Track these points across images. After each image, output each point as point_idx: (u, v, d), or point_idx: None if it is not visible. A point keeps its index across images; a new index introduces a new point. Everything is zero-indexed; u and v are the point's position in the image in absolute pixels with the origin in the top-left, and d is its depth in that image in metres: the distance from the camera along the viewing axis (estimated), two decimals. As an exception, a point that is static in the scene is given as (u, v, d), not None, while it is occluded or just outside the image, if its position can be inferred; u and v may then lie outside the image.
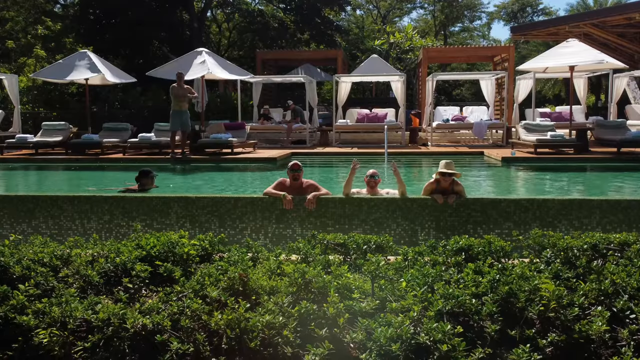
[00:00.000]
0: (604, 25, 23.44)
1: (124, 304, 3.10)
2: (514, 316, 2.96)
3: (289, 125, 14.69)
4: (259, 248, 3.87)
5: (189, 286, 3.21)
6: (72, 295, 3.18)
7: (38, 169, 11.48)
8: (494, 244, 3.70)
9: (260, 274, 3.39)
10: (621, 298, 2.95)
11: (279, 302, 2.98)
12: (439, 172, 4.91)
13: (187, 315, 2.94)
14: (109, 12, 26.46)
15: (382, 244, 3.90)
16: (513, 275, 3.16)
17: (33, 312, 3.02)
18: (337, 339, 2.73)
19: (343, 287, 3.14)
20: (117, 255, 3.64)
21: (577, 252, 3.51)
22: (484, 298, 2.99)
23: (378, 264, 3.43)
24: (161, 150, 12.31)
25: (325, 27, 32.69)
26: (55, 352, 2.86)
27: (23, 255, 3.67)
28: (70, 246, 3.91)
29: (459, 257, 3.59)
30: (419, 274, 3.22)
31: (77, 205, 5.13)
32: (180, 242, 3.79)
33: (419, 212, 4.88)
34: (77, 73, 12.94)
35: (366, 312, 2.90)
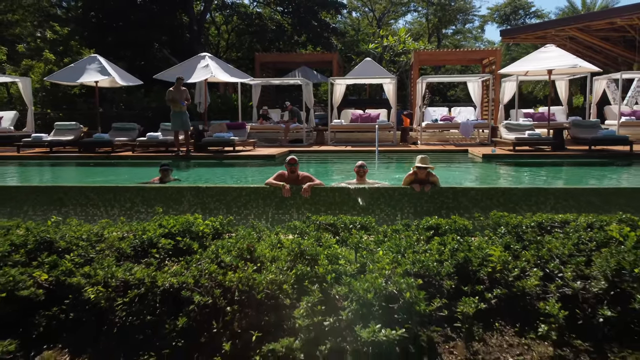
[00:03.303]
0: (588, 29, 24.17)
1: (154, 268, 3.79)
2: (468, 277, 3.65)
3: (287, 125, 15.37)
4: (262, 228, 4.56)
5: (206, 255, 3.89)
6: (111, 262, 3.87)
7: (53, 166, 12.15)
8: (458, 222, 4.40)
9: (263, 246, 4.07)
10: (553, 262, 3.65)
11: (280, 266, 3.67)
12: (416, 166, 5.61)
13: (206, 276, 3.62)
14: (111, 15, 26.96)
15: (365, 224, 4.59)
16: (471, 246, 3.87)
17: (81, 275, 3.70)
18: (325, 292, 3.41)
19: (331, 256, 3.82)
20: (143, 233, 4.32)
21: (525, 228, 4.21)
22: (444, 263, 3.69)
23: (360, 238, 4.13)
24: (167, 148, 12.99)
25: (322, 29, 33.24)
26: (102, 304, 3.53)
27: (65, 233, 4.35)
28: (103, 226, 4.59)
29: (428, 233, 4.29)
30: (393, 245, 3.92)
31: (102, 194, 5.80)
32: (195, 222, 4.47)
33: (400, 199, 5.57)
34: (87, 76, 13.61)
35: (349, 274, 3.58)
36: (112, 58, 15.94)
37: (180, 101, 11.88)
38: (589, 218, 4.27)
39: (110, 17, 27.10)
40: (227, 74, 14.23)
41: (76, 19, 27.50)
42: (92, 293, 3.57)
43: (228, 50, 37.07)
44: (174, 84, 12.70)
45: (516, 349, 3.18)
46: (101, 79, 13.71)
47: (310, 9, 32.64)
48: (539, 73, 13.34)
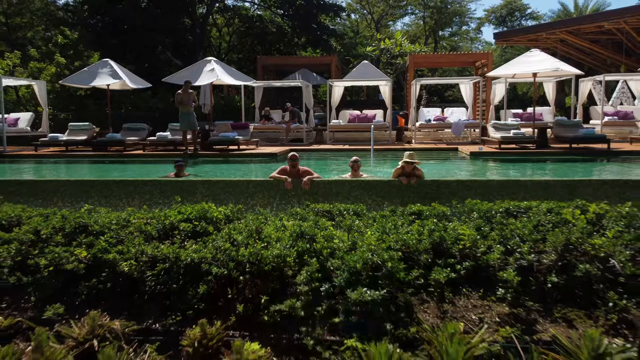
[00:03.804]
0: (578, 33, 24.81)
1: (177, 246, 4.42)
2: (443, 252, 4.28)
3: (287, 125, 15.99)
4: (268, 214, 5.19)
5: (221, 236, 4.51)
6: (140, 242, 4.49)
7: (68, 163, 12.79)
8: (437, 209, 5.03)
9: (269, 229, 4.69)
10: (514, 239, 4.28)
11: (283, 244, 4.29)
12: (403, 161, 6.24)
13: (221, 252, 4.24)
14: (115, 19, 27.55)
15: (357, 211, 5.22)
16: (447, 228, 4.50)
17: (116, 252, 4.33)
18: (322, 264, 4.03)
19: (327, 236, 4.45)
20: (165, 218, 4.94)
21: (494, 213, 4.84)
22: (423, 241, 4.32)
23: (353, 222, 4.77)
24: (176, 147, 13.63)
25: (321, 32, 33.81)
26: (134, 276, 4.16)
27: (97, 219, 4.98)
28: (129, 213, 5.22)
29: (411, 218, 4.91)
30: (380, 226, 4.55)
31: (124, 187, 6.42)
32: (210, 209, 5.09)
33: (389, 190, 6.20)
34: (100, 79, 14.25)
35: (342, 250, 4.21)
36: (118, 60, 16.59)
37: (187, 103, 12.50)
38: (550, 205, 4.90)
39: (115, 20, 27.67)
40: (232, 77, 14.88)
41: (82, 23, 28.07)
42: (125, 266, 4.19)
43: (229, 52, 37.66)
44: (180, 86, 13.33)
45: (479, 309, 3.81)
46: (113, 83, 14.36)
47: (309, 12, 33.19)
48: (525, 76, 13.96)
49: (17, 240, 4.57)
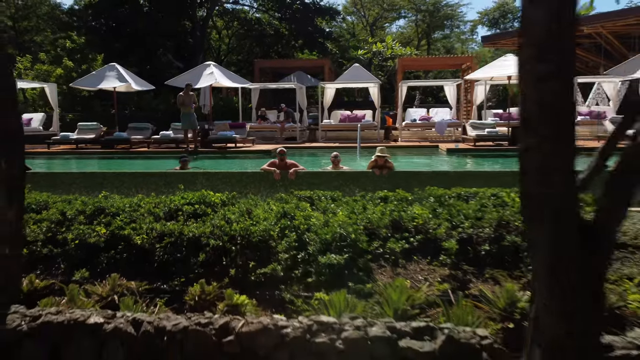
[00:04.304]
0: (561, 36, 25.59)
1: (181, 224, 5.23)
2: (400, 228, 5.10)
3: (282, 125, 16.82)
4: (258, 200, 6.01)
5: (217, 216, 5.33)
6: (150, 221, 5.31)
7: (78, 159, 13.63)
8: (401, 194, 5.86)
9: (258, 210, 5.51)
10: (459, 217, 5.10)
11: (269, 221, 5.11)
12: (376, 155, 7.08)
13: (217, 228, 5.06)
14: (118, 23, 28.30)
15: (334, 196, 6.04)
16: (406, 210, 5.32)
17: (130, 228, 5.14)
18: (300, 237, 4.85)
19: (306, 215, 5.26)
20: (170, 203, 5.76)
21: (447, 197, 5.67)
22: (384, 219, 5.14)
23: (328, 204, 5.59)
24: (178, 145, 14.46)
25: (318, 35, 34.55)
26: (146, 247, 4.97)
27: (113, 203, 5.79)
28: (139, 199, 6.03)
29: (378, 201, 5.74)
30: (349, 208, 5.38)
31: (134, 179, 7.23)
32: (208, 195, 5.91)
33: (364, 180, 7.02)
34: (107, 82, 15.09)
35: (317, 226, 5.03)
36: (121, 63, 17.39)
37: (189, 104, 13.35)
38: (494, 190, 5.73)
39: (118, 24, 28.42)
40: (229, 80, 15.70)
41: (87, 27, 28.81)
42: (138, 240, 5.01)
43: (229, 54, 38.44)
44: (181, 89, 14.16)
45: (425, 272, 4.63)
46: (119, 85, 15.18)
47: (306, 15, 33.92)
48: (501, 78, 14.79)
49: (47, 220, 5.40)
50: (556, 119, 2.20)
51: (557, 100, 2.17)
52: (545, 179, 2.28)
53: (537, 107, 2.20)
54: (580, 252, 2.29)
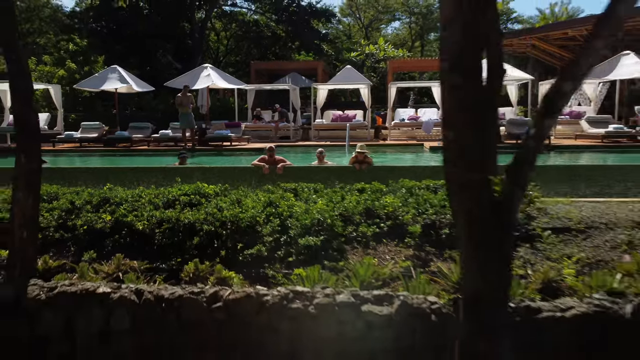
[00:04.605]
0: (547, 39, 26.26)
1: (178, 212, 5.80)
2: (373, 215, 5.67)
3: (276, 124, 17.38)
4: (248, 191, 6.57)
5: (210, 205, 5.90)
6: (151, 209, 5.87)
7: (82, 157, 14.20)
8: (376, 186, 6.44)
9: (247, 200, 6.08)
10: (425, 205, 5.68)
11: (256, 209, 5.68)
12: (356, 151, 7.66)
13: (210, 215, 5.62)
14: (119, 26, 28.82)
15: (316, 188, 6.61)
16: (379, 199, 5.89)
17: (133, 216, 5.70)
18: (283, 222, 5.42)
19: (289, 204, 5.84)
20: (169, 194, 6.32)
21: (417, 189, 6.25)
22: (358, 207, 5.71)
23: (310, 195, 6.17)
24: (176, 143, 15.02)
25: (314, 37, 35.11)
26: (146, 232, 5.54)
27: (117, 194, 6.36)
28: (141, 190, 6.59)
29: (355, 192, 6.31)
30: (328, 198, 5.95)
31: (135, 173, 7.78)
32: (203, 187, 6.47)
33: (345, 174, 7.59)
34: (109, 84, 15.64)
35: (298, 213, 5.59)
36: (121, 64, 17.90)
37: (186, 104, 13.92)
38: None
39: (118, 27, 28.96)
40: (225, 81, 16.26)
41: (88, 29, 29.31)
42: (140, 226, 5.57)
43: (227, 55, 38.97)
44: (180, 90, 14.73)
45: (393, 252, 5.21)
46: (120, 86, 15.73)
47: (302, 17, 34.49)
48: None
49: (58, 208, 5.96)
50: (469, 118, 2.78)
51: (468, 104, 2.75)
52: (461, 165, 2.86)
53: (453, 107, 2.78)
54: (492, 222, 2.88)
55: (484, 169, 2.82)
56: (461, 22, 2.63)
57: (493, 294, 2.98)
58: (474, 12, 2.58)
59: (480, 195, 2.88)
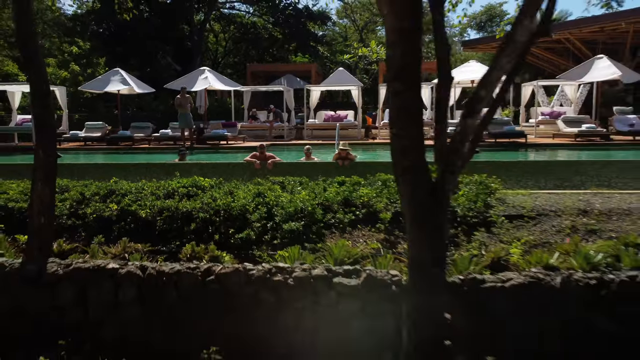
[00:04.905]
0: (532, 41, 26.87)
1: (177, 201, 6.43)
2: (350, 204, 6.31)
3: (271, 124, 18.01)
4: (240, 184, 7.21)
5: (206, 195, 6.54)
6: (153, 199, 6.51)
7: (87, 154, 14.83)
8: (355, 179, 7.08)
9: (239, 192, 6.72)
10: (396, 195, 6.31)
11: (247, 199, 6.32)
12: (339, 148, 8.31)
13: (205, 204, 6.26)
14: (120, 28, 29.27)
15: (302, 181, 7.25)
16: (357, 190, 6.53)
17: (137, 205, 6.34)
18: (269, 210, 6.06)
19: (276, 195, 6.48)
20: (168, 186, 6.95)
21: (391, 181, 6.88)
22: (337, 197, 6.35)
23: (295, 187, 6.81)
24: (175, 142, 15.65)
25: (310, 39, 35.55)
26: (149, 219, 6.17)
27: (122, 186, 6.99)
28: (143, 183, 7.22)
29: (336, 185, 6.96)
30: (311, 189, 6.60)
31: (138, 169, 8.40)
32: (199, 180, 7.10)
33: (330, 169, 8.23)
34: (112, 86, 16.27)
35: (284, 202, 6.23)
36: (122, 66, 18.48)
37: (185, 105, 14.58)
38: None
39: (119, 30, 29.42)
40: (222, 83, 16.90)
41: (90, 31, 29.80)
42: (143, 214, 6.20)
43: (226, 56, 39.52)
44: (179, 91, 15.37)
45: (366, 237, 5.85)
46: (122, 88, 16.36)
47: (298, 20, 35.01)
48: (464, 82, 16.03)
49: (69, 199, 6.59)
50: (408, 117, 3.43)
51: (407, 105, 3.40)
52: (404, 155, 3.52)
53: (395, 110, 3.44)
54: (428, 201, 3.53)
55: (418, 157, 3.47)
56: (400, 47, 3.28)
57: (431, 259, 3.63)
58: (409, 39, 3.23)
59: (419, 179, 3.53)
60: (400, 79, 3.35)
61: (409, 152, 3.46)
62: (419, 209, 3.54)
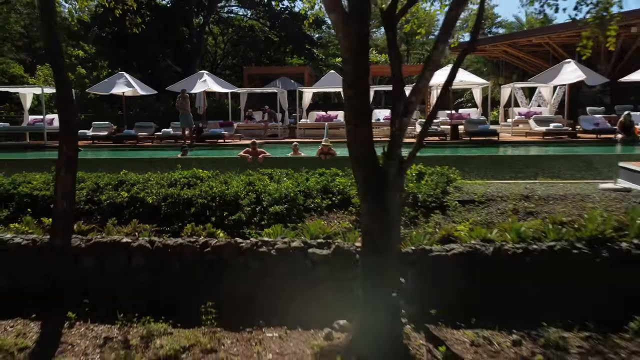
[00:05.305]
0: (515, 45, 27.88)
1: (179, 190, 7.32)
2: (328, 192, 7.22)
3: (265, 124, 18.92)
4: (234, 175, 8.12)
5: (204, 185, 7.44)
6: (158, 188, 7.40)
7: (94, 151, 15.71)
8: (334, 171, 7.99)
9: (233, 182, 7.62)
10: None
11: (239, 187, 7.22)
12: (322, 144, 9.22)
13: (203, 191, 7.15)
14: (122, 32, 30.06)
15: (288, 173, 8.16)
16: (335, 179, 7.44)
17: (145, 192, 7.23)
18: (258, 196, 6.96)
19: (264, 184, 7.38)
20: (171, 177, 7.86)
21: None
22: (317, 186, 7.26)
23: (281, 177, 7.72)
24: (176, 140, 16.56)
25: (305, 42, 36.31)
26: (155, 205, 7.07)
27: (130, 177, 7.88)
28: (149, 175, 8.11)
29: (317, 175, 7.87)
30: (294, 179, 7.51)
31: (143, 163, 9.28)
32: (198, 172, 8.01)
33: (313, 163, 9.14)
34: (117, 88, 17.16)
35: (271, 190, 7.13)
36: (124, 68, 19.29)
37: (185, 106, 15.49)
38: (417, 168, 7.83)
39: (121, 34, 30.22)
40: (220, 86, 17.80)
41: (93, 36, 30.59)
42: (150, 200, 7.09)
43: (224, 58, 40.35)
44: (179, 93, 16.28)
45: (340, 218, 6.75)
46: (127, 90, 17.25)
47: (294, 24, 35.81)
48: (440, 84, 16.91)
49: (86, 188, 7.48)
50: (359, 116, 4.34)
51: (358, 107, 4.31)
52: (357, 146, 4.43)
53: (349, 111, 4.35)
54: (377, 183, 4.44)
55: (367, 147, 4.39)
56: (352, 63, 4.20)
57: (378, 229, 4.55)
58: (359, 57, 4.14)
59: (368, 166, 4.45)
60: (353, 88, 4.26)
61: (361, 144, 4.37)
62: (368, 189, 4.45)
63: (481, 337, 4.81)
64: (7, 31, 30.66)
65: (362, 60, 4.18)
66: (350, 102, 4.30)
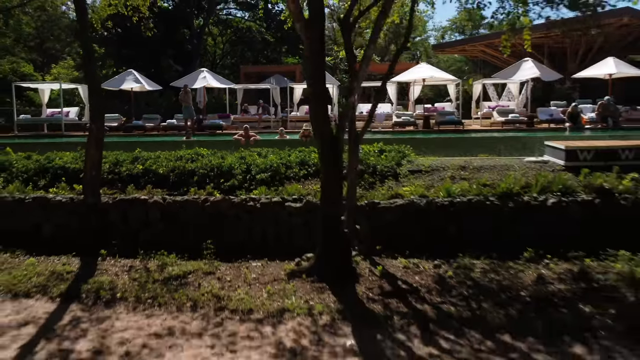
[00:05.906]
0: (492, 45, 29.30)
1: (184, 163, 8.75)
2: (306, 164, 8.66)
3: (259, 117, 20.35)
4: (229, 154, 9.56)
5: (204, 160, 8.87)
6: (167, 161, 8.83)
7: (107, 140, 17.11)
8: (311, 149, 9.44)
9: (228, 157, 9.05)
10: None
11: (233, 161, 8.66)
12: (303, 128, 10.66)
13: (204, 164, 8.59)
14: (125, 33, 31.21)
15: (274, 151, 9.60)
16: (311, 155, 8.89)
17: (156, 165, 8.66)
18: (248, 167, 8.40)
19: (253, 159, 8.80)
20: (177, 154, 9.28)
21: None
22: (296, 160, 8.70)
23: (267, 154, 9.18)
24: (180, 130, 17.98)
25: (299, 42, 37.28)
26: (165, 174, 8.50)
27: (144, 155, 9.30)
28: (160, 153, 9.52)
29: (297, 152, 9.31)
30: (278, 155, 8.96)
31: (153, 145, 10.70)
32: (200, 150, 9.44)
33: (296, 144, 10.57)
34: (127, 84, 18.57)
35: (258, 163, 8.55)
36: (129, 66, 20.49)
37: (187, 100, 16.95)
38: (378, 147, 9.30)
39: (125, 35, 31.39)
40: (218, 82, 19.23)
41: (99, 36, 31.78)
42: (161, 171, 8.52)
43: (223, 58, 41.59)
44: (181, 89, 17.68)
45: (313, 184, 8.20)
46: (135, 86, 18.66)
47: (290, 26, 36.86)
48: (418, 81, 18.41)
49: (108, 162, 8.90)
50: (317, 98, 5.79)
51: (317, 92, 5.76)
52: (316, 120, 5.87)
53: (312, 95, 5.80)
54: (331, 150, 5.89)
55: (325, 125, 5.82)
56: (312, 59, 5.64)
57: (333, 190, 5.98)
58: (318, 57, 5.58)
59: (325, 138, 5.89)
60: (313, 78, 5.70)
61: (319, 119, 5.82)
62: (325, 156, 5.89)
63: (411, 264, 6.27)
64: (19, 32, 31.92)
65: (320, 58, 5.62)
66: (311, 88, 5.74)
